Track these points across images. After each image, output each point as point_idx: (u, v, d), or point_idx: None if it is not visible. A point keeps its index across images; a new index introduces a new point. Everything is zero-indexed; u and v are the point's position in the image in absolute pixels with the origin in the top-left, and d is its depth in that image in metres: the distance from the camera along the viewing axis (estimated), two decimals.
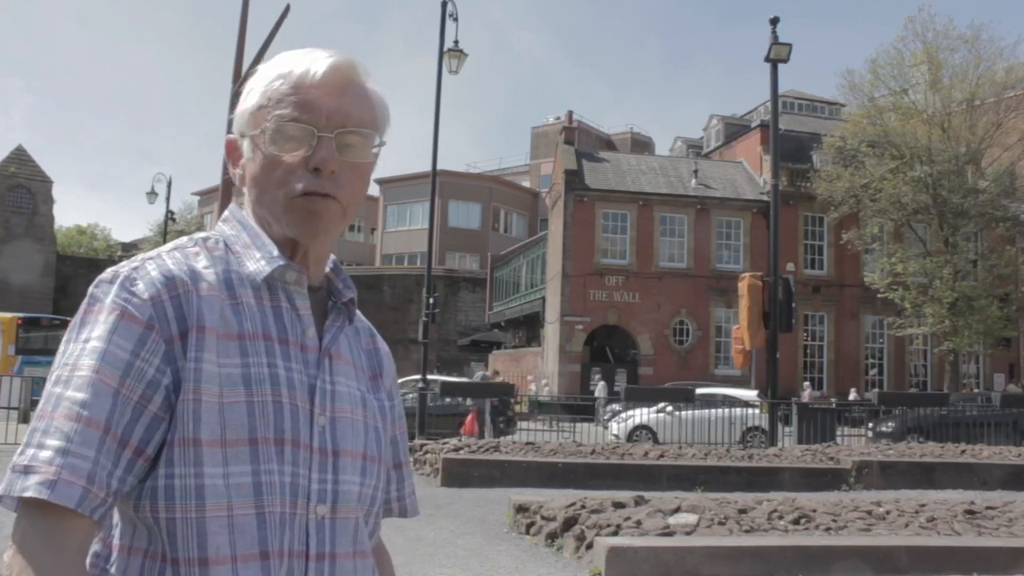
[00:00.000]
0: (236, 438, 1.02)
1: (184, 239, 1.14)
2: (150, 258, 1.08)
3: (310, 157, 1.10)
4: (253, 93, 1.13)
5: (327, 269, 1.20)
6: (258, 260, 1.11)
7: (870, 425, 17.97)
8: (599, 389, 28.28)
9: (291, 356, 1.09)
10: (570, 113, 38.80)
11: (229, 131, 1.19)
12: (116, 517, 1.06)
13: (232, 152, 1.18)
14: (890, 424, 17.42)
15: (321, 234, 1.13)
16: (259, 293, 1.10)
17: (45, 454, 0.95)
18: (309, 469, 1.07)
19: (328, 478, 1.09)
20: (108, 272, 1.07)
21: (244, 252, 1.12)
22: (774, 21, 16.01)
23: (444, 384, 18.40)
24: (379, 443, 1.19)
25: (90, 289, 1.06)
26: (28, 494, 0.94)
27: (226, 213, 1.19)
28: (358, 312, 1.26)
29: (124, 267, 1.06)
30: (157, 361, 1.01)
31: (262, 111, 1.11)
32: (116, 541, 1.05)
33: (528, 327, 39.89)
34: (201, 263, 1.09)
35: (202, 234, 1.16)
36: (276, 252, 1.12)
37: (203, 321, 1.03)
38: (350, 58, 1.16)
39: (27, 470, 0.95)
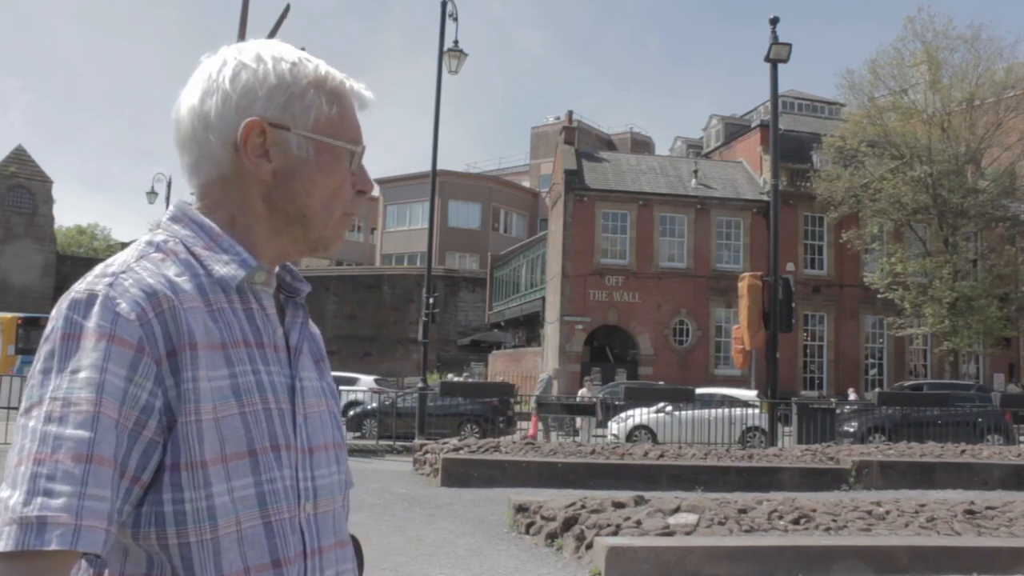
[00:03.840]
0: (235, 451, 1.00)
1: (142, 245, 1.07)
2: (122, 272, 1.00)
3: (358, 180, 1.15)
4: (315, 95, 1.11)
5: None
6: (227, 263, 1.07)
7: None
8: (543, 378, 21.96)
9: (269, 359, 1.08)
10: (570, 113, 38.80)
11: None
12: None
13: (254, 138, 1.09)
14: (853, 424, 17.45)
15: (338, 247, 1.18)
16: (230, 296, 1.07)
17: (59, 502, 0.87)
18: (296, 469, 1.07)
19: (309, 476, 1.09)
20: (81, 292, 0.98)
21: (208, 255, 1.07)
22: (774, 21, 16.02)
23: (444, 384, 18.41)
24: (338, 428, 1.19)
25: (63, 312, 0.97)
26: (52, 547, 0.86)
27: (175, 212, 1.11)
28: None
29: (98, 285, 0.98)
30: (150, 385, 0.96)
31: (333, 121, 1.12)
32: (107, 570, 0.99)
33: (528, 327, 39.87)
34: (172, 271, 1.03)
35: (158, 236, 1.08)
36: (247, 254, 1.08)
37: (193, 337, 0.99)
38: None
39: (41, 522, 0.86)
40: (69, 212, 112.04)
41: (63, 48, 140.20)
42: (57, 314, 0.98)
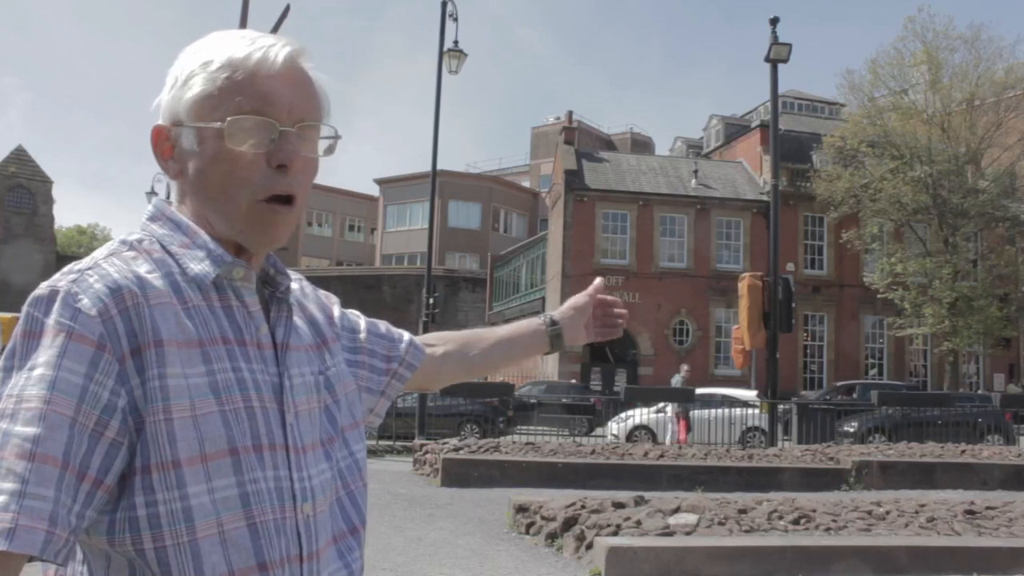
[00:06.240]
0: (216, 451, 0.97)
1: (115, 243, 1.04)
2: (88, 268, 0.97)
3: (273, 153, 1.04)
4: (196, 79, 1.04)
5: None
6: (202, 260, 1.04)
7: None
8: (675, 381, 19.48)
9: (251, 357, 1.05)
10: (570, 113, 38.84)
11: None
12: (79, 554, 0.99)
13: (162, 142, 1.07)
14: (853, 424, 17.45)
15: (276, 243, 1.08)
16: (207, 294, 1.04)
17: None
18: (289, 470, 1.04)
19: (305, 475, 1.06)
20: (44, 288, 0.96)
21: (184, 253, 1.05)
22: (774, 21, 16.01)
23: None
24: (333, 420, 1.15)
25: (25, 309, 0.95)
26: None
27: (153, 211, 1.09)
28: (291, 285, 1.19)
29: (61, 281, 0.96)
30: (111, 383, 0.93)
31: (210, 100, 1.03)
32: None
33: None
34: (143, 268, 1.00)
35: (133, 236, 1.06)
36: (221, 250, 1.05)
37: (159, 334, 0.96)
38: (302, 45, 1.10)
39: None
40: (69, 212, 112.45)
41: (62, 47, 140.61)
42: (22, 312, 0.95)
